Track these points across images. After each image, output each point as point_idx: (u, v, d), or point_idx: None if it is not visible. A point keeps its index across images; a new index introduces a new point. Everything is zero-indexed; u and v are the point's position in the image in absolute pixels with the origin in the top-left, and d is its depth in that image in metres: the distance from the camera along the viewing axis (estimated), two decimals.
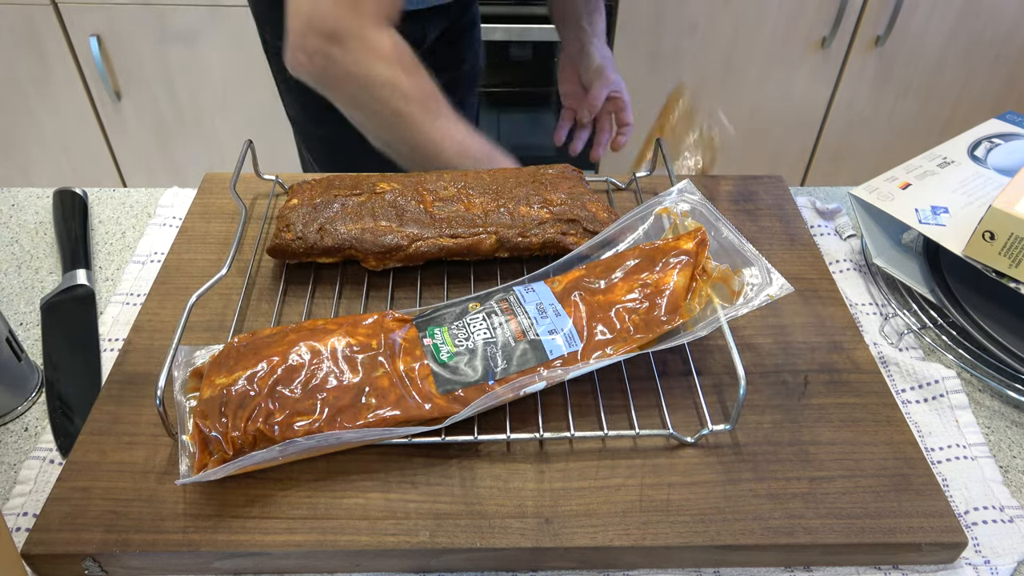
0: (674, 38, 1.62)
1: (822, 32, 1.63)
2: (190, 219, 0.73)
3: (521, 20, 1.58)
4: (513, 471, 0.53)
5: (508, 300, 0.58)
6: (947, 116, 1.79)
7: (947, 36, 1.65)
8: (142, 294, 0.68)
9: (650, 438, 0.55)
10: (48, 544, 0.48)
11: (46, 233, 0.77)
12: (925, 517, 0.50)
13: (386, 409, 0.52)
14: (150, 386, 0.58)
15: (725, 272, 0.58)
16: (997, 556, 0.51)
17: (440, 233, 0.65)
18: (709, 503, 0.51)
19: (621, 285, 0.58)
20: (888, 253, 0.72)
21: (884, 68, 1.69)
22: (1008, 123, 0.78)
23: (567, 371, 0.53)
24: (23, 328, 0.67)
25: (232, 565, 0.49)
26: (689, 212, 0.62)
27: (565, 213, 0.67)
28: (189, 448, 0.51)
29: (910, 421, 0.59)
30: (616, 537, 0.49)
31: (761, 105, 1.74)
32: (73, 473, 0.52)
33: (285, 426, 0.50)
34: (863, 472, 0.53)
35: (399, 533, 0.49)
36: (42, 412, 0.60)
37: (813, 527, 0.50)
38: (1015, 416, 0.61)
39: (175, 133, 1.73)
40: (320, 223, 0.65)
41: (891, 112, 1.77)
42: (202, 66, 1.62)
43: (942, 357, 0.65)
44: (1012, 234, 0.60)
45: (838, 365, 0.60)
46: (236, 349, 0.54)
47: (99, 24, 1.55)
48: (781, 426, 0.56)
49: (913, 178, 0.72)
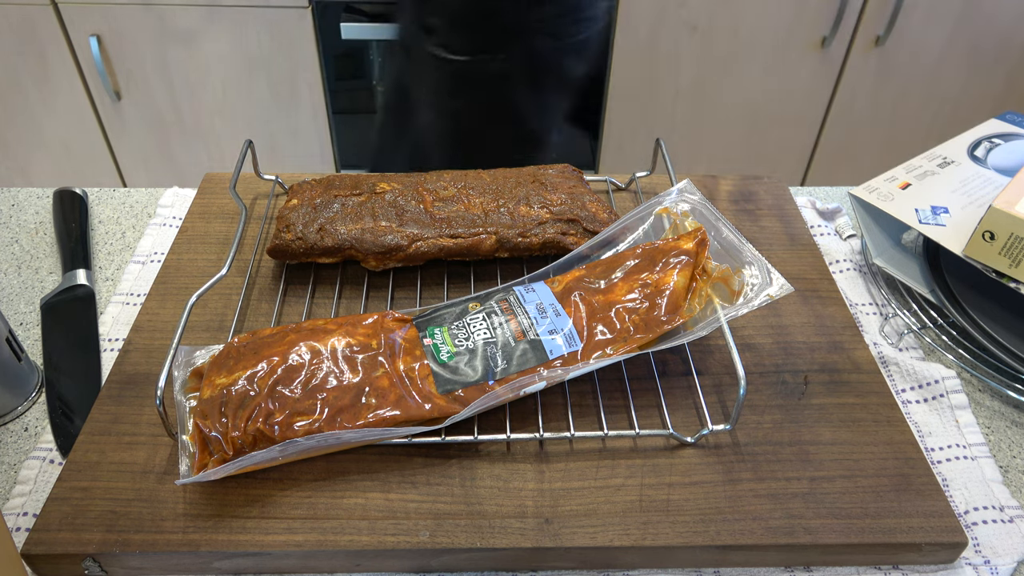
0: (674, 38, 1.62)
1: (822, 32, 1.63)
2: (190, 219, 0.73)
3: None
4: (513, 471, 0.53)
5: (508, 300, 0.58)
6: (947, 116, 1.79)
7: (947, 36, 1.65)
8: (142, 294, 0.68)
9: (650, 438, 0.55)
10: (48, 544, 0.48)
11: (46, 233, 0.77)
12: (925, 517, 0.50)
13: (386, 409, 0.52)
14: (150, 386, 0.58)
15: (725, 272, 0.58)
16: (997, 556, 0.51)
17: (440, 233, 0.65)
18: (709, 503, 0.51)
19: (621, 285, 0.58)
20: (888, 253, 0.72)
21: (884, 68, 1.69)
22: (1008, 123, 0.78)
23: (567, 371, 0.53)
24: (23, 328, 0.67)
25: (232, 565, 0.49)
26: (689, 212, 0.62)
27: (565, 213, 0.67)
28: (189, 448, 0.51)
29: (910, 421, 0.59)
30: (616, 537, 0.49)
31: (761, 105, 1.74)
32: (73, 473, 0.52)
33: (285, 426, 0.50)
34: (863, 472, 0.53)
35: (399, 533, 0.49)
36: (42, 412, 0.60)
37: (813, 527, 0.50)
38: (1015, 416, 0.61)
39: (175, 133, 1.73)
40: (320, 223, 0.65)
41: (891, 112, 1.77)
42: (202, 66, 1.62)
43: (942, 357, 0.65)
44: (1012, 234, 0.60)
45: (838, 365, 0.60)
46: (236, 349, 0.54)
47: (99, 24, 1.55)
48: (781, 426, 0.56)
49: (913, 178, 0.72)
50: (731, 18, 1.60)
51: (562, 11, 1.17)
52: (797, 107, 1.75)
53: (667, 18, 1.59)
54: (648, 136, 1.78)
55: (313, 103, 1.69)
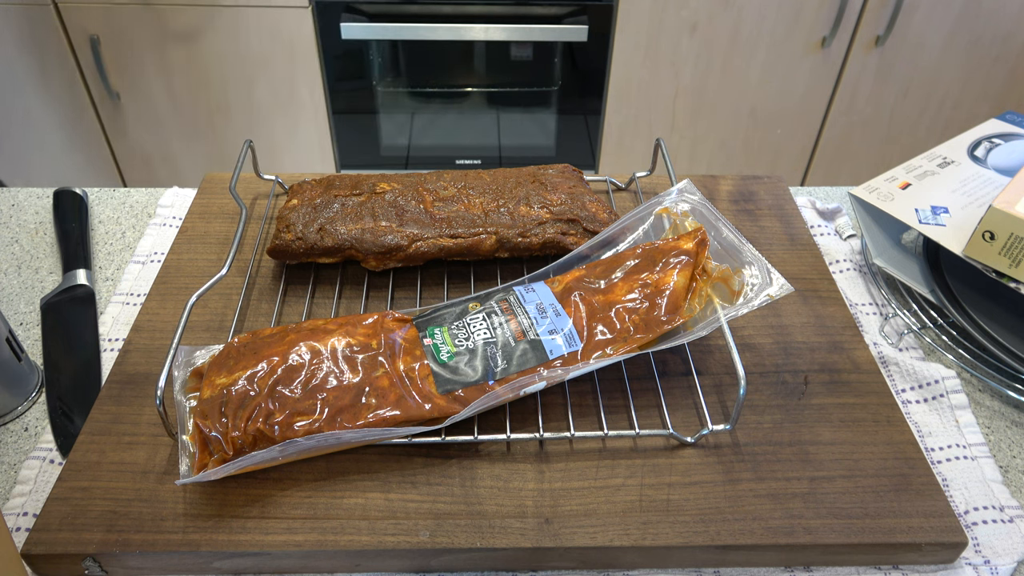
0: (674, 38, 1.63)
1: (822, 32, 1.63)
2: (190, 219, 0.73)
3: (521, 20, 1.58)
4: (513, 471, 0.53)
5: (508, 300, 0.58)
6: (947, 116, 1.79)
7: (947, 36, 1.65)
8: (142, 294, 0.68)
9: (650, 438, 0.55)
10: (48, 544, 0.48)
11: (46, 233, 0.77)
12: (925, 517, 0.50)
13: (386, 409, 0.52)
14: (150, 386, 0.58)
15: (725, 272, 0.58)
16: (997, 556, 0.51)
17: (440, 233, 0.65)
18: (709, 503, 0.51)
19: (621, 285, 0.58)
20: (888, 253, 0.72)
21: (884, 68, 1.69)
22: (1008, 123, 0.78)
23: (567, 371, 0.53)
24: (23, 328, 0.67)
25: (232, 565, 0.49)
26: (689, 212, 0.62)
27: (565, 213, 0.67)
28: (189, 448, 0.51)
29: (910, 421, 0.59)
30: (616, 537, 0.49)
31: (761, 105, 1.74)
32: (73, 473, 0.52)
33: (285, 426, 0.50)
34: (863, 472, 0.53)
35: (399, 533, 0.49)
36: (42, 412, 0.60)
37: (813, 527, 0.50)
38: (1015, 416, 0.61)
39: (175, 133, 1.73)
40: (320, 223, 0.65)
41: (891, 112, 1.77)
42: (202, 66, 1.62)
43: (942, 357, 0.65)
44: (1012, 234, 0.60)
45: (838, 365, 0.60)
46: (236, 349, 0.54)
47: (99, 24, 1.55)
48: (781, 426, 0.56)
49: (913, 178, 0.72)
50: (731, 18, 1.60)
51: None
52: (797, 107, 1.75)
53: (667, 18, 1.60)
54: (648, 136, 1.78)
55: (313, 103, 1.69)
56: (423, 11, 1.56)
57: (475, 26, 1.56)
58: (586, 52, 1.64)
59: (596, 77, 1.68)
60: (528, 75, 1.69)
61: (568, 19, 1.59)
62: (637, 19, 1.59)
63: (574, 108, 1.74)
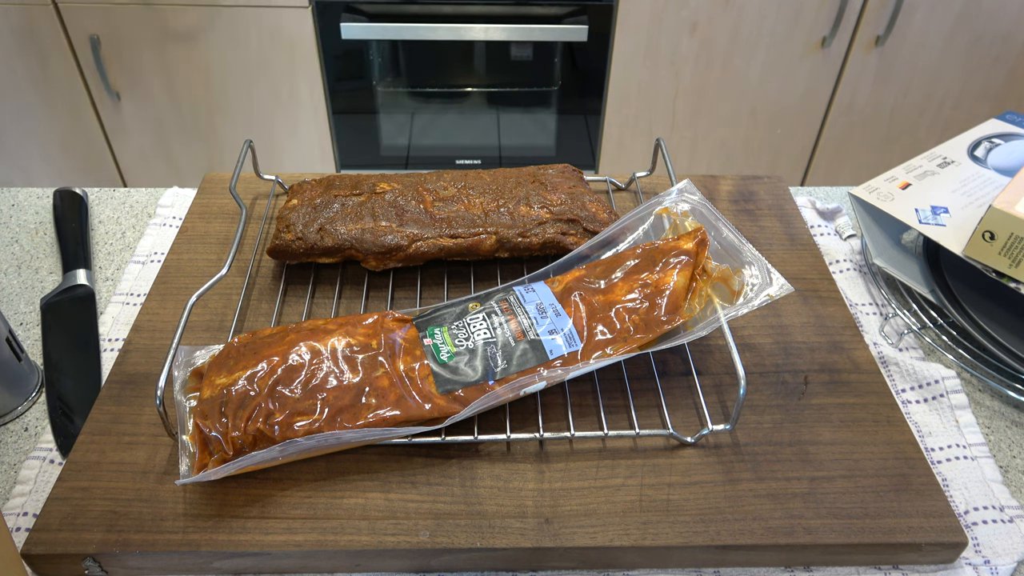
0: (674, 38, 1.63)
1: (822, 32, 1.63)
2: (190, 219, 0.73)
3: (521, 20, 1.58)
4: (513, 471, 0.53)
5: (508, 300, 0.58)
6: (947, 116, 1.79)
7: (947, 36, 1.65)
8: (142, 294, 0.68)
9: (650, 438, 0.55)
10: (48, 544, 0.48)
11: (46, 233, 0.77)
12: (925, 517, 0.50)
13: (386, 409, 0.52)
14: (150, 386, 0.58)
15: (725, 272, 0.58)
16: (997, 556, 0.51)
17: (440, 233, 0.65)
18: (709, 503, 0.51)
19: (621, 285, 0.58)
20: (888, 253, 0.72)
21: (884, 68, 1.69)
22: (1008, 123, 0.78)
23: (567, 371, 0.53)
24: (23, 328, 0.67)
25: (232, 565, 0.49)
26: (689, 212, 0.62)
27: (565, 213, 0.67)
28: (189, 448, 0.51)
29: (910, 421, 0.59)
30: (616, 537, 0.49)
31: (761, 105, 1.74)
32: (73, 473, 0.52)
33: (285, 426, 0.50)
34: (863, 472, 0.53)
35: (399, 533, 0.49)
36: (42, 412, 0.60)
37: (813, 527, 0.50)
38: (1015, 416, 0.61)
39: (175, 133, 1.73)
40: (320, 223, 0.65)
41: (891, 112, 1.77)
42: (202, 66, 1.62)
43: (942, 357, 0.65)
44: (1012, 234, 0.60)
45: (838, 365, 0.60)
46: (236, 349, 0.54)
47: (99, 24, 1.55)
48: (781, 426, 0.56)
49: (913, 178, 0.72)
50: (731, 18, 1.60)
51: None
52: (797, 107, 1.75)
53: (667, 18, 1.60)
54: (648, 136, 1.78)
55: (313, 103, 1.69)
56: (423, 11, 1.56)
57: (475, 26, 1.56)
58: (586, 52, 1.64)
59: (596, 77, 1.68)
60: (528, 75, 1.69)
61: (568, 19, 1.59)
62: (637, 19, 1.59)
63: (574, 108, 1.74)
